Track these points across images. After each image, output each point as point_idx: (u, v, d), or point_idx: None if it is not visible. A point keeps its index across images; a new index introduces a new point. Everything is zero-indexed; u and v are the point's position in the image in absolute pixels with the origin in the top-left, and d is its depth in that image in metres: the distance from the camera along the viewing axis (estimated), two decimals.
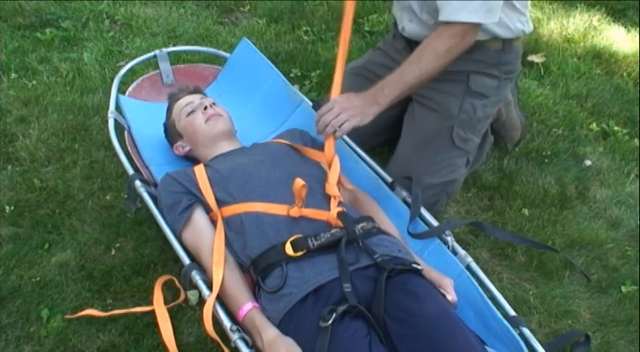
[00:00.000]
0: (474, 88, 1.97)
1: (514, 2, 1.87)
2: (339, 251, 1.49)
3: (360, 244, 1.52)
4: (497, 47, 1.94)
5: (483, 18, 1.76)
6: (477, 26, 1.78)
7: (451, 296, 1.54)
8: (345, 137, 2.05)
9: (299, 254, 1.49)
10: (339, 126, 1.73)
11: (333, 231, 1.54)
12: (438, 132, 1.98)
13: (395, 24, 2.11)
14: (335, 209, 1.60)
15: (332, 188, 1.67)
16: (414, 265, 1.53)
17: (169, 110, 2.02)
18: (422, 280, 1.52)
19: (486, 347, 1.45)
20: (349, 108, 1.74)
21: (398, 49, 2.09)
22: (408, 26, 2.01)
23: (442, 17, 1.76)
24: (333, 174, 1.71)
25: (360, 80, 2.16)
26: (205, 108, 1.92)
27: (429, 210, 1.85)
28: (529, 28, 1.97)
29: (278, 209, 1.60)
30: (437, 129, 1.98)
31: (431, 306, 1.42)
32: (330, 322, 1.33)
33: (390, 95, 1.78)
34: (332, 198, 1.65)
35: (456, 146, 1.98)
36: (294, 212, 1.59)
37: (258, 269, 1.52)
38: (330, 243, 1.51)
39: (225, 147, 1.89)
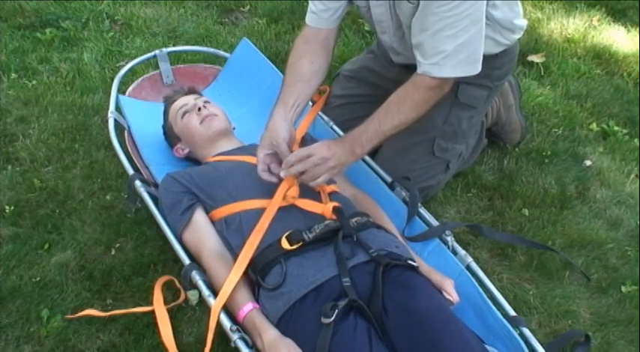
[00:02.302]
0: (462, 100, 1.93)
1: (503, 21, 1.79)
2: (336, 245, 1.49)
3: (355, 238, 1.52)
4: (491, 54, 1.88)
5: (468, 71, 1.65)
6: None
7: (453, 298, 1.54)
8: None
9: (295, 247, 1.49)
10: (315, 178, 1.61)
11: (327, 222, 1.55)
12: (419, 143, 1.96)
13: None
14: (329, 203, 1.61)
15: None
16: (410, 262, 1.53)
17: (166, 113, 2.03)
18: (418, 275, 1.53)
19: (486, 346, 1.45)
20: (330, 159, 1.60)
21: (389, 59, 2.04)
22: (396, 58, 1.97)
23: (420, 70, 1.66)
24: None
25: (353, 83, 2.16)
26: (199, 109, 1.92)
27: None
28: (523, 29, 1.89)
29: (276, 203, 1.61)
30: (418, 139, 1.95)
31: (426, 301, 1.42)
32: (332, 318, 1.33)
33: (367, 146, 1.68)
34: (322, 192, 1.66)
35: (436, 156, 1.97)
36: (292, 191, 1.59)
37: (257, 268, 1.52)
38: (324, 234, 1.52)
39: (224, 145, 1.89)
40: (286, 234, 1.52)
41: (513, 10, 1.82)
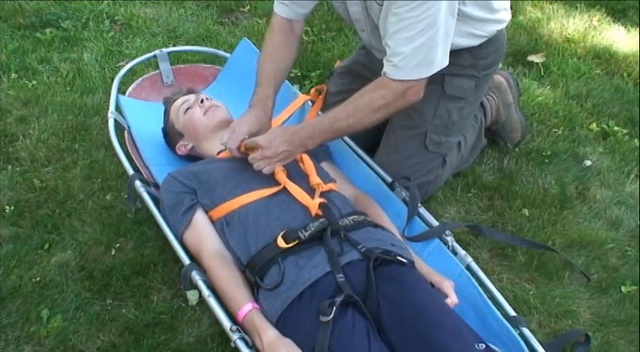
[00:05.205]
0: (449, 92, 1.92)
1: (481, 16, 1.78)
2: (325, 242, 1.50)
3: (342, 235, 1.53)
4: (473, 46, 1.87)
5: (425, 72, 1.64)
6: (421, 81, 1.67)
7: (451, 300, 1.54)
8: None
9: (291, 245, 1.50)
10: (259, 168, 1.67)
11: (322, 220, 1.56)
12: (411, 138, 1.96)
13: None
14: (317, 199, 1.63)
15: (314, 178, 1.71)
16: (399, 258, 1.53)
17: (166, 113, 2.03)
18: (411, 271, 1.53)
19: (489, 344, 1.44)
20: (271, 157, 1.66)
21: (371, 60, 2.04)
22: (379, 55, 1.95)
23: (383, 70, 1.67)
24: (308, 165, 1.75)
25: (347, 79, 2.16)
26: (202, 101, 1.95)
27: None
28: (502, 21, 1.88)
29: (268, 191, 1.65)
30: (409, 134, 1.96)
31: (419, 295, 1.43)
32: (331, 316, 1.33)
33: (319, 140, 1.71)
34: (316, 189, 1.68)
35: (429, 150, 1.96)
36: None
37: (255, 269, 1.52)
38: (318, 232, 1.53)
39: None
40: (282, 234, 1.53)
41: (486, 7, 1.81)
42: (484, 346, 1.36)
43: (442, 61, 1.66)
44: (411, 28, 1.58)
